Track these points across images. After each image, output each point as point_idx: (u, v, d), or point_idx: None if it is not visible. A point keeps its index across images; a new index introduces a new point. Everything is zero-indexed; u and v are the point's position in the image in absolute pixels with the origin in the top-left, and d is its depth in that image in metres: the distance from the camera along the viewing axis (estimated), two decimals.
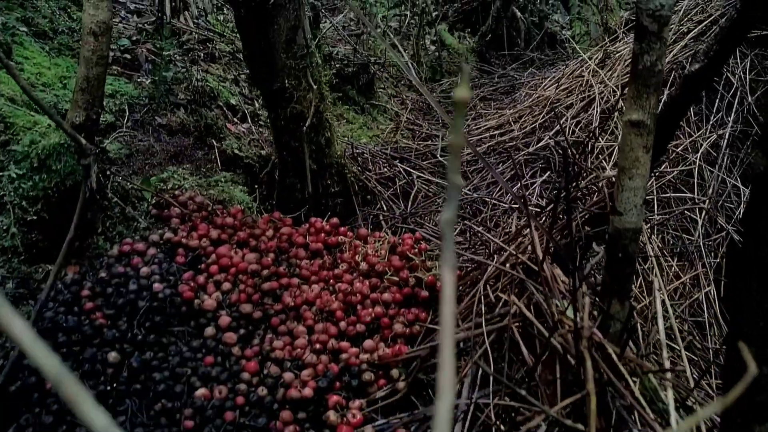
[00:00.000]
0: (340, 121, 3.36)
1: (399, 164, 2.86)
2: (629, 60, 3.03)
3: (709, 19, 2.85)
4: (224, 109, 2.81)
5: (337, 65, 3.49)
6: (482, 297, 1.53)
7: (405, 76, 4.52)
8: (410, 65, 4.64)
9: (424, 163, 2.95)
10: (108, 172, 1.84)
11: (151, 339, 1.40)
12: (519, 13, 5.42)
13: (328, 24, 4.31)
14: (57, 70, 2.32)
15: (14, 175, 1.56)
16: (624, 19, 4.02)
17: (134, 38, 3.15)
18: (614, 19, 4.38)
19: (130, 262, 1.60)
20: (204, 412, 1.28)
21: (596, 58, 3.18)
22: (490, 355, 1.41)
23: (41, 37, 2.54)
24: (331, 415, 1.39)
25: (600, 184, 1.54)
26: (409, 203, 2.61)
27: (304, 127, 2.11)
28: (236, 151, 2.47)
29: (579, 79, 3.11)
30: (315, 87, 2.09)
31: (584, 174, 1.79)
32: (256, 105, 3.07)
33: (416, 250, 1.88)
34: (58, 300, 1.43)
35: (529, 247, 1.60)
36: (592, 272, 1.50)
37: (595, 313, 1.23)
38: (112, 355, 1.31)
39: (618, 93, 2.78)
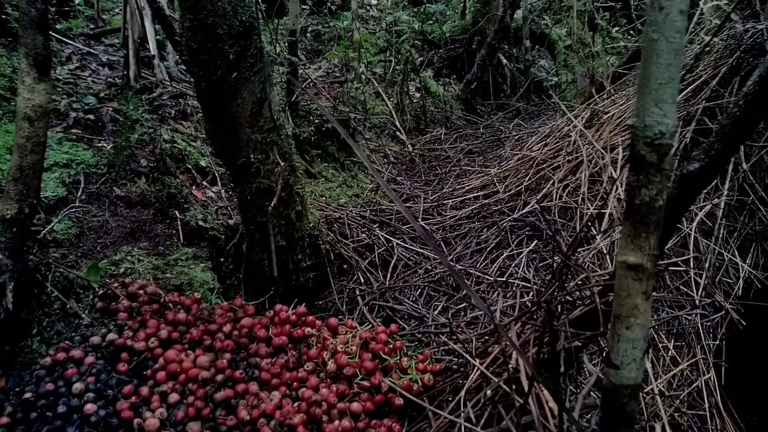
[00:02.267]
0: (319, 180, 3.21)
1: (378, 230, 2.70)
2: (618, 119, 2.93)
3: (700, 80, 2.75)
4: (193, 172, 2.65)
5: (316, 121, 3.35)
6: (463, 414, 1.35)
7: (388, 127, 4.40)
8: (394, 114, 4.53)
9: (405, 227, 2.80)
10: (50, 262, 1.66)
11: None
12: (505, 61, 5.36)
13: (307, 78, 4.20)
14: (8, 138, 2.16)
15: None
16: (611, 72, 3.94)
17: (102, 94, 3.01)
18: (600, 67, 4.31)
19: (63, 374, 1.41)
20: None
21: (583, 117, 3.07)
22: None
23: None
24: None
25: (591, 287, 1.38)
26: (388, 274, 2.44)
27: (270, 206, 1.95)
28: (201, 223, 2.29)
29: (566, 139, 2.99)
30: (283, 163, 1.93)
31: (573, 273, 1.64)
32: (221, 170, 2.92)
33: (391, 346, 1.70)
34: None
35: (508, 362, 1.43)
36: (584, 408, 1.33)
37: None
38: None
39: (607, 156, 2.66)
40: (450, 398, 1.53)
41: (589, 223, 2.27)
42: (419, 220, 2.87)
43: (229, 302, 1.84)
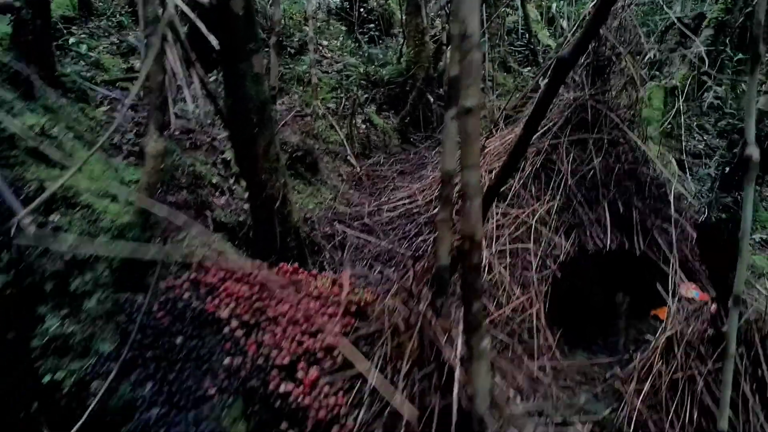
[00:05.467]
0: (293, 192, 4.48)
1: (337, 224, 4.01)
2: (498, 152, 4.34)
3: None
4: (209, 187, 3.87)
5: (289, 150, 4.64)
6: (386, 307, 2.67)
7: (341, 152, 5.73)
8: (345, 143, 5.86)
9: (355, 223, 4.11)
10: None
11: (195, 333, 2.46)
12: (432, 99, 6.80)
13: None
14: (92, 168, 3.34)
15: (104, 241, 2.59)
16: (502, 111, 5.39)
17: (134, 131, 4.20)
18: (496, 110, 5.77)
19: (174, 291, 2.65)
20: (230, 371, 2.34)
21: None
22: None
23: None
24: (299, 374, 2.47)
25: None
26: (345, 252, 3.75)
27: (275, 207, 3.24)
28: (222, 219, 3.55)
29: None
30: (281, 180, 3.22)
31: None
32: (230, 182, 4.17)
33: (350, 283, 3.01)
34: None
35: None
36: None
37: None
38: (179, 340, 2.35)
39: (486, 177, 4.06)
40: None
41: None
42: (365, 218, 4.20)
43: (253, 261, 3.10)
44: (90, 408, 2.06)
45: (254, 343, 2.54)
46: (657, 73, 7.56)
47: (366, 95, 7.10)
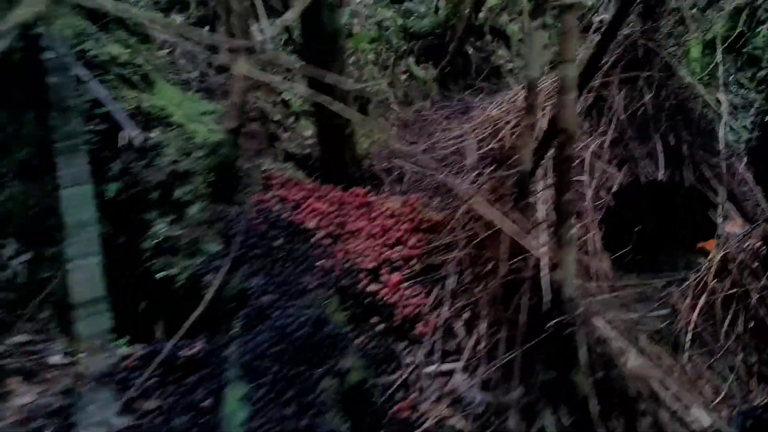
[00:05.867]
0: None
1: (395, 160, 4.18)
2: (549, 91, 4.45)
3: None
4: (274, 123, 4.05)
5: None
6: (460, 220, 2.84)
7: (386, 100, 5.86)
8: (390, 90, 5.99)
9: (410, 160, 4.27)
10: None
11: (288, 238, 2.66)
12: (471, 51, 6.87)
13: None
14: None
15: (199, 155, 2.78)
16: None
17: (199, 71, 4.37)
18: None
19: (263, 204, 2.85)
20: (323, 271, 2.54)
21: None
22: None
23: None
24: (383, 277, 2.67)
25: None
26: (404, 183, 3.92)
27: (344, 136, 3.40)
28: (290, 150, 3.73)
29: (514, 104, 4.51)
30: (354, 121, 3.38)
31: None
32: (290, 120, 4.34)
33: (418, 203, 3.19)
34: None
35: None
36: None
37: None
38: (277, 243, 2.56)
39: (539, 113, 4.17)
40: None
41: None
42: (419, 155, 4.35)
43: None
44: (208, 297, 2.27)
45: (341, 251, 2.73)
46: (697, 22, 7.52)
47: (405, 47, 7.16)
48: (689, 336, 3.00)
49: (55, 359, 2.17)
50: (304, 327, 2.05)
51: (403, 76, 6.70)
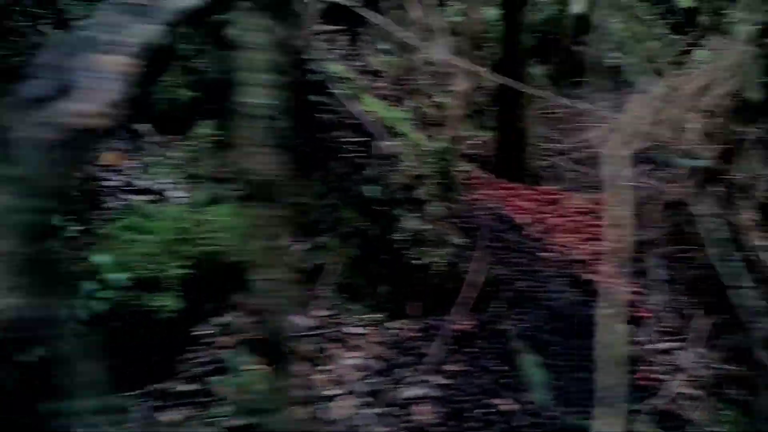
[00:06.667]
0: None
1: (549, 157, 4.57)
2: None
3: None
4: None
5: None
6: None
7: None
8: None
9: (559, 156, 4.66)
10: None
11: (510, 231, 3.10)
12: (583, 49, 7.15)
13: None
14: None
15: (428, 161, 3.24)
16: None
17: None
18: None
19: (480, 203, 3.29)
20: (551, 261, 2.97)
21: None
22: None
23: None
24: (594, 267, 3.08)
25: None
26: (565, 181, 4.31)
27: (523, 138, 3.81)
28: (466, 152, 4.16)
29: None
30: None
31: None
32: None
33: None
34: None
35: None
36: None
37: None
38: (508, 235, 3.00)
39: None
40: None
41: None
42: (566, 154, 4.72)
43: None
44: (465, 281, 2.73)
45: (554, 244, 3.16)
46: None
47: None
48: None
49: (353, 330, 2.67)
50: (568, 307, 2.48)
51: None
